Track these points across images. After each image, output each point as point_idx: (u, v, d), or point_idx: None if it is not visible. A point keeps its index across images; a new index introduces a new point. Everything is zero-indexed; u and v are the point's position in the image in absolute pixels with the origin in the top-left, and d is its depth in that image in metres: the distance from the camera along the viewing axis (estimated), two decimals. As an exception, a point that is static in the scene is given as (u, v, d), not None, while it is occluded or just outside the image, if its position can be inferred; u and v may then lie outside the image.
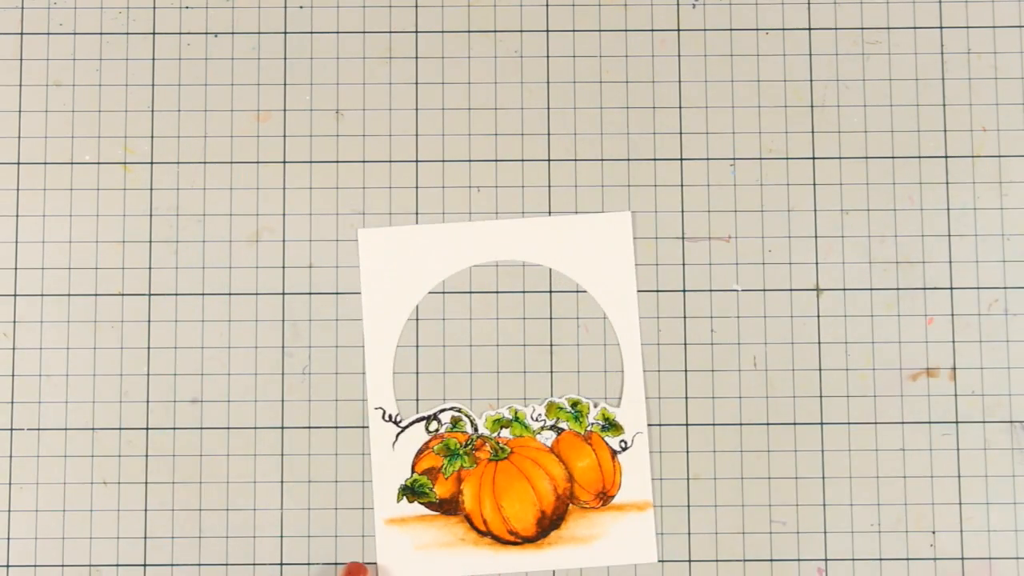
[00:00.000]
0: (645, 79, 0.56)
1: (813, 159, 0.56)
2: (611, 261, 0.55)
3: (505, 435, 0.55)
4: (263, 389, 0.55)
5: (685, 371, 0.55)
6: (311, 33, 0.57)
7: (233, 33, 0.57)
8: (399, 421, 0.55)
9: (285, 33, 0.57)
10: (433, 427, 0.55)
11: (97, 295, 0.55)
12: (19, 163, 0.56)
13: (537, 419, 0.55)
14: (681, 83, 0.56)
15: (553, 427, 0.55)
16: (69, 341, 0.55)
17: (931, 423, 0.54)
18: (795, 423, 0.54)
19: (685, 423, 0.54)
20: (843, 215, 0.55)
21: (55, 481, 0.54)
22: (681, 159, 0.56)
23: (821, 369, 0.55)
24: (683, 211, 0.55)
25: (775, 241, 0.55)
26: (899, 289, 0.55)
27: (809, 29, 0.57)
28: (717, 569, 0.54)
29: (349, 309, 0.55)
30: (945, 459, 0.54)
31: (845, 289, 0.55)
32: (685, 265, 0.55)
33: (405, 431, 0.55)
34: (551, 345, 0.55)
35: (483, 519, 0.54)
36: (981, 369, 0.55)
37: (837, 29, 0.56)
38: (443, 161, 0.56)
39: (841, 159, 0.56)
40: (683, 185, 0.56)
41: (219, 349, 0.55)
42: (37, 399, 0.54)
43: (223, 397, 0.55)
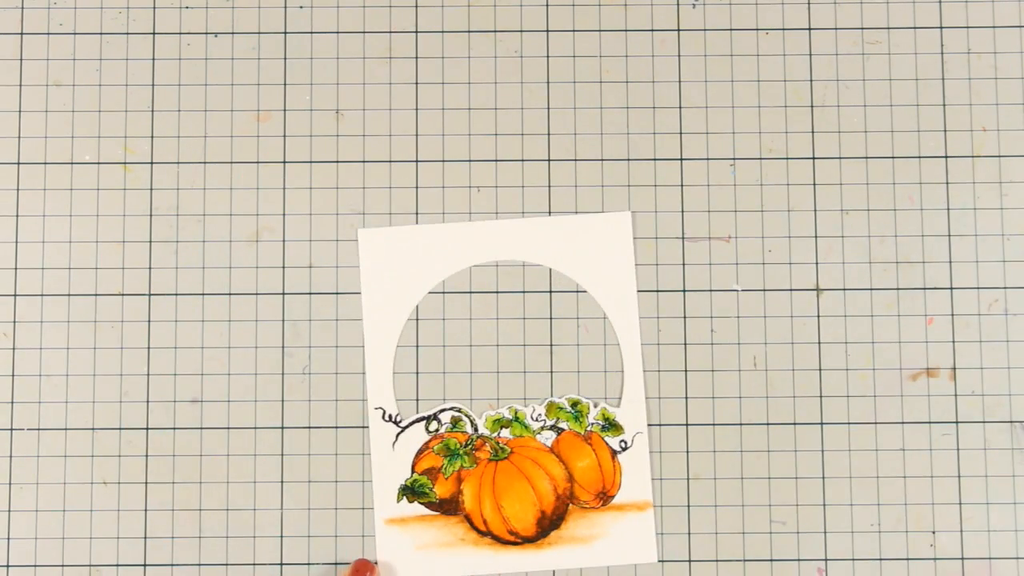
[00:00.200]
0: (645, 79, 0.56)
1: (813, 159, 0.56)
2: (611, 261, 0.55)
3: (505, 435, 0.55)
4: (263, 389, 0.55)
5: (685, 371, 0.55)
6: (311, 33, 0.57)
7: (233, 33, 0.57)
8: (399, 421, 0.55)
9: (285, 33, 0.57)
10: (433, 427, 0.55)
11: (97, 295, 0.55)
12: (19, 163, 0.56)
13: (537, 419, 0.55)
14: (681, 83, 0.56)
15: (553, 427, 0.55)
16: (69, 341, 0.55)
17: (931, 423, 0.54)
18: (795, 423, 0.54)
19: (685, 423, 0.54)
20: (843, 215, 0.55)
21: (55, 481, 0.54)
22: (681, 159, 0.56)
23: (821, 369, 0.55)
24: (683, 211, 0.55)
25: (775, 241, 0.55)
26: (899, 289, 0.55)
27: (809, 29, 0.57)
28: (717, 569, 0.54)
29: (349, 309, 0.55)
30: (945, 459, 0.54)
31: (845, 289, 0.55)
32: (685, 265, 0.55)
33: (405, 431, 0.55)
34: (551, 345, 0.55)
35: (483, 519, 0.54)
36: (981, 369, 0.55)
37: (837, 29, 0.56)
38: (443, 161, 0.56)
39: (841, 159, 0.56)
40: (683, 185, 0.56)
41: (219, 349, 0.55)
42: (37, 399, 0.54)
43: (223, 397, 0.55)
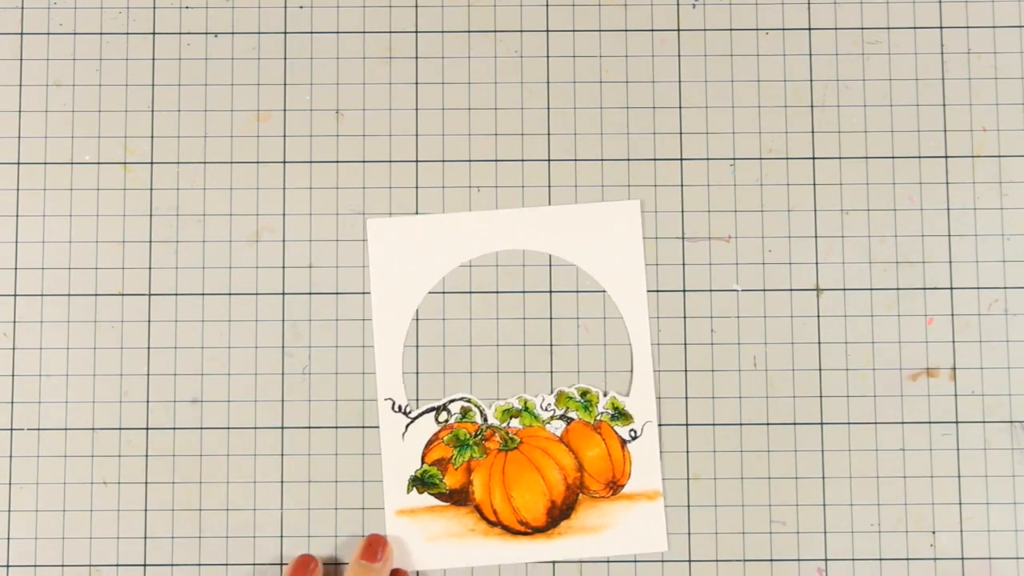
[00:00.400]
0: (645, 79, 0.56)
1: (813, 159, 0.56)
2: (620, 248, 0.55)
3: (515, 425, 0.55)
4: (263, 389, 0.55)
5: (685, 371, 0.55)
6: (311, 33, 0.57)
7: (233, 33, 0.57)
8: (408, 412, 0.54)
9: (285, 33, 0.57)
10: (443, 418, 0.55)
11: (97, 295, 0.55)
12: (19, 163, 0.56)
13: (547, 409, 0.55)
14: (681, 83, 0.56)
15: (563, 417, 0.55)
16: (69, 341, 0.55)
17: (931, 423, 0.54)
18: (795, 423, 0.54)
19: (685, 423, 0.54)
20: (843, 215, 0.55)
21: (55, 481, 0.54)
22: (681, 159, 0.56)
23: (821, 369, 0.55)
24: (683, 211, 0.55)
25: (775, 241, 0.55)
26: (899, 289, 0.55)
27: (809, 29, 0.56)
28: (717, 569, 0.54)
29: (349, 309, 0.55)
30: (945, 459, 0.54)
31: (845, 289, 0.55)
32: (685, 265, 0.55)
33: (415, 422, 0.54)
34: (551, 346, 0.55)
35: (493, 509, 0.54)
36: (981, 369, 0.55)
37: (837, 29, 0.56)
38: (443, 161, 0.56)
39: (841, 159, 0.56)
40: (683, 185, 0.56)
41: (219, 349, 0.55)
42: (37, 399, 0.54)
43: (223, 397, 0.55)
